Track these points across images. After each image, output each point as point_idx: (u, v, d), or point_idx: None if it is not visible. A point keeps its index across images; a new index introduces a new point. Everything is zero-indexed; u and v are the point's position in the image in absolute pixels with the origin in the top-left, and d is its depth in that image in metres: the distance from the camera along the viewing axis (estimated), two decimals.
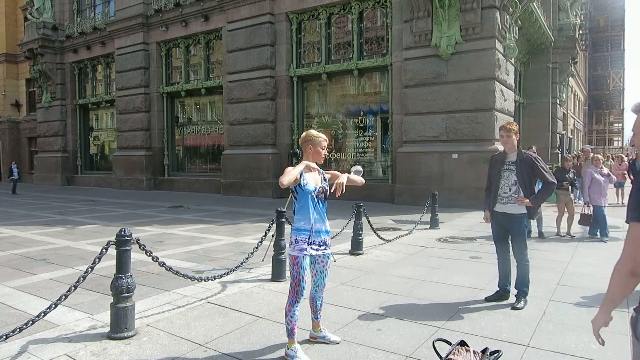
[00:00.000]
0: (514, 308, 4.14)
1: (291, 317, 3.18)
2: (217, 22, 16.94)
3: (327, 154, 3.40)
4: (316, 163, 3.32)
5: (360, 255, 6.50)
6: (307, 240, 3.20)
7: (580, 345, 3.36)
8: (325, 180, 3.34)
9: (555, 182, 4.38)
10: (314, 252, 3.23)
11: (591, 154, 10.78)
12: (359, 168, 3.39)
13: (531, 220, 5.24)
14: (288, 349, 3.16)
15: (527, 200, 4.20)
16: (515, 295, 4.27)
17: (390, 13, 13.61)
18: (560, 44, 20.57)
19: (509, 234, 4.40)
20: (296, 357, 3.10)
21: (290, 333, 3.18)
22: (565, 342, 3.42)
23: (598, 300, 4.43)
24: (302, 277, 3.19)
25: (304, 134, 3.38)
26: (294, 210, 3.30)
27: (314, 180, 3.26)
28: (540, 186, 4.45)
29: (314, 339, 3.44)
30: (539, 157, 4.42)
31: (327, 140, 3.39)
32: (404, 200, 12.71)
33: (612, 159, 21.21)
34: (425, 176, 12.48)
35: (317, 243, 3.24)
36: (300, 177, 3.18)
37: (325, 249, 3.30)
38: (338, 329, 3.67)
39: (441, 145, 12.41)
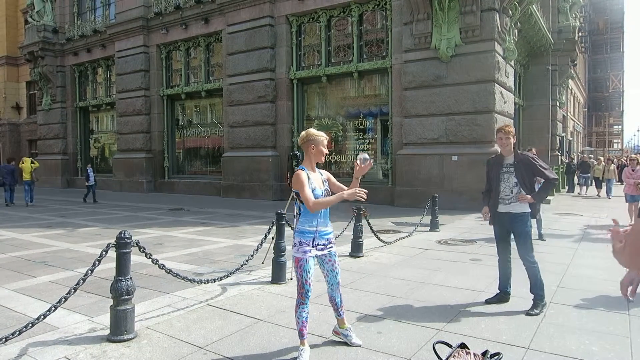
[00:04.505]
0: (528, 314, 4.01)
1: (298, 317, 3.18)
2: (217, 24, 16.96)
3: (327, 152, 3.35)
4: (317, 163, 3.29)
5: (360, 258, 6.49)
6: (311, 242, 3.19)
7: (581, 347, 3.36)
8: (325, 181, 3.30)
9: (557, 177, 4.32)
10: (319, 253, 3.23)
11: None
12: (366, 155, 3.30)
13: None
14: (300, 347, 3.18)
15: (529, 197, 4.17)
16: (533, 300, 4.14)
17: (390, 15, 13.64)
18: (559, 47, 20.61)
19: (513, 234, 4.34)
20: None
21: (299, 334, 3.18)
22: (566, 344, 3.41)
23: (598, 302, 4.43)
24: (306, 280, 3.16)
25: (303, 133, 3.30)
26: (298, 213, 3.25)
27: (318, 183, 3.23)
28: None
29: (337, 334, 3.46)
30: (536, 156, 4.39)
31: (328, 138, 3.34)
32: (404, 202, 12.71)
33: (606, 161, 19.50)
34: (425, 178, 12.48)
35: (321, 244, 3.23)
36: (308, 180, 3.15)
37: (331, 247, 3.29)
38: None
39: (441, 148, 12.42)
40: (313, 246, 3.19)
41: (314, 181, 3.19)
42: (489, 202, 4.48)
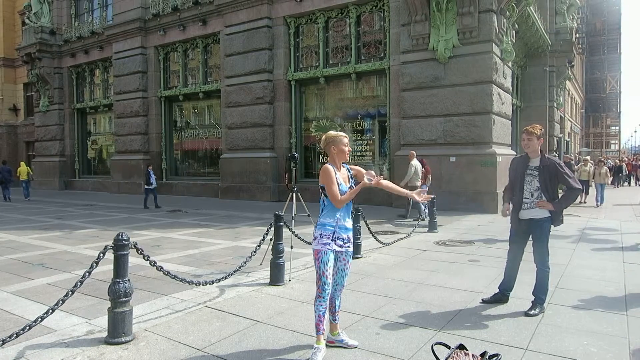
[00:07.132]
0: (527, 314, 4.02)
1: (315, 311, 3.21)
2: (214, 26, 16.95)
3: (350, 149, 3.43)
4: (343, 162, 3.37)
5: (359, 259, 6.49)
6: (331, 235, 3.23)
7: (579, 348, 3.36)
8: (351, 177, 3.38)
9: (580, 187, 4.21)
10: (338, 248, 3.26)
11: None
12: (372, 172, 3.39)
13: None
14: (315, 345, 3.19)
15: (550, 204, 4.07)
16: (532, 302, 4.14)
17: (387, 17, 13.65)
18: (557, 48, 20.65)
19: (532, 238, 4.24)
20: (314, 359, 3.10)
21: (316, 329, 3.20)
22: (565, 345, 3.41)
23: (596, 302, 4.43)
24: (323, 272, 3.20)
25: (323, 137, 3.38)
26: (322, 208, 3.31)
27: (344, 179, 3.31)
28: None
29: (332, 344, 3.38)
30: (562, 163, 4.25)
31: (347, 136, 3.40)
32: (402, 203, 12.69)
33: (597, 163, 18.55)
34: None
35: (341, 239, 3.27)
36: (335, 177, 3.23)
37: (348, 246, 3.34)
38: None
39: (439, 149, 12.43)
40: (333, 240, 3.23)
41: (339, 177, 3.28)
42: (509, 200, 4.38)
